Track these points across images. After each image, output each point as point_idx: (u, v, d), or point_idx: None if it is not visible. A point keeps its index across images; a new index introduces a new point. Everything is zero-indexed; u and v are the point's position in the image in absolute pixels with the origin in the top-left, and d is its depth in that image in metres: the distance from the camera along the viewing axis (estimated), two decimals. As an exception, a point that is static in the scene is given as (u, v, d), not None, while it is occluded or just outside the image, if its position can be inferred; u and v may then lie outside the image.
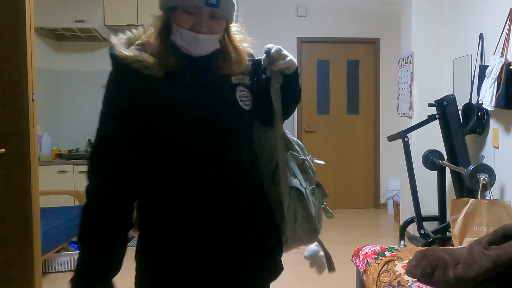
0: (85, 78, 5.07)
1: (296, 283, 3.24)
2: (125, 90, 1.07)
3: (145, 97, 1.06)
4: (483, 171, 2.82)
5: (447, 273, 1.81)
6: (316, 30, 5.23)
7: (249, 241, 1.14)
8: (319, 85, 5.37)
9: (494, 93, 2.81)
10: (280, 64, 1.17)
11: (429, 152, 3.53)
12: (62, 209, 3.70)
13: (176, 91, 1.08)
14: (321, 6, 5.25)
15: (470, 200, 2.79)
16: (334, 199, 5.40)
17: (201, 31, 1.06)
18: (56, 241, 3.24)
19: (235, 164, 1.11)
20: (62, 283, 3.27)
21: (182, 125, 1.07)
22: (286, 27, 5.23)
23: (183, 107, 1.07)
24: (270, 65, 1.19)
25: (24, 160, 2.30)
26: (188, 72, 1.10)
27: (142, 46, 1.10)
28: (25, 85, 2.28)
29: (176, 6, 1.08)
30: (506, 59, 2.78)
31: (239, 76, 1.16)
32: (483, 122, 3.15)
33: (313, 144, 5.36)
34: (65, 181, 4.40)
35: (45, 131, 4.68)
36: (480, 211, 2.74)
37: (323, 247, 1.49)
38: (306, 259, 1.44)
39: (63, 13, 4.46)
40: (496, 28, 2.98)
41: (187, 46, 1.07)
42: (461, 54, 3.54)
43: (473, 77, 3.28)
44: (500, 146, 3.01)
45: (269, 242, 1.22)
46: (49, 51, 4.90)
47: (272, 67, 1.19)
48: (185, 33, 1.06)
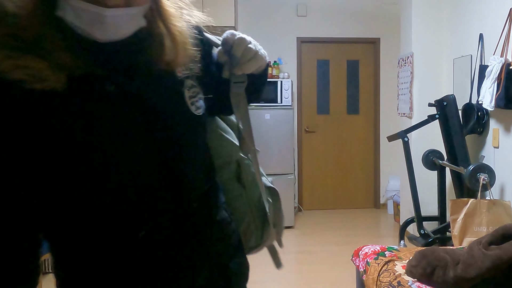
0: (85, 78, 5.07)
1: (296, 283, 3.24)
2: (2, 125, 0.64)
3: (39, 133, 0.66)
4: (483, 171, 2.82)
5: (447, 273, 1.81)
6: (316, 30, 5.24)
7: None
8: (319, 85, 5.37)
9: (494, 93, 2.81)
10: (246, 66, 0.86)
11: (429, 152, 3.53)
12: (62, 209, 3.69)
13: (91, 112, 0.68)
14: (321, 6, 5.25)
15: (470, 200, 2.79)
16: (334, 199, 5.40)
17: (107, 1, 0.65)
18: (56, 241, 3.23)
19: (192, 192, 0.80)
20: (62, 283, 3.27)
21: (110, 166, 0.70)
22: (286, 27, 5.23)
23: (109, 137, 0.70)
24: (231, 65, 0.86)
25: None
26: (104, 75, 0.69)
27: (11, 36, 0.63)
28: (25, 85, 2.28)
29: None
30: (506, 59, 2.78)
31: (185, 66, 0.80)
32: (483, 122, 3.15)
33: (313, 144, 5.37)
34: (65, 181, 4.40)
35: (45, 131, 4.68)
36: (480, 211, 2.74)
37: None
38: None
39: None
40: (496, 28, 2.98)
41: (87, 28, 0.66)
42: (461, 54, 3.54)
43: (473, 77, 3.28)
44: (500, 146, 3.01)
45: (236, 272, 0.94)
46: (49, 51, 4.89)
47: (234, 70, 0.86)
48: (80, 5, 0.64)
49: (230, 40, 0.85)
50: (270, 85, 4.66)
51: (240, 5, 5.13)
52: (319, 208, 5.38)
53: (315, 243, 4.12)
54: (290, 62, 5.17)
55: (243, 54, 0.85)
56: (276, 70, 4.76)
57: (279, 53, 5.14)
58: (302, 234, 4.45)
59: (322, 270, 3.44)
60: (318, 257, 3.75)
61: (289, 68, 5.15)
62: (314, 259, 3.69)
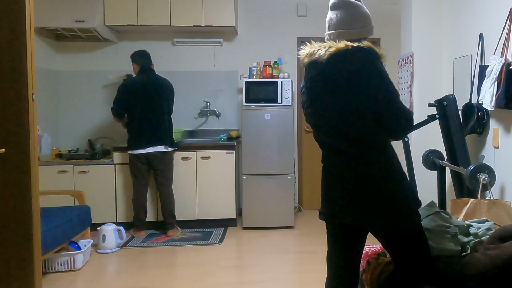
0: (85, 78, 5.08)
1: (296, 283, 3.24)
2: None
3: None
4: (483, 171, 2.81)
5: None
6: (316, 30, 5.22)
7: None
8: (319, 85, 5.36)
9: (494, 93, 2.81)
10: None
11: (429, 152, 3.52)
12: (62, 209, 3.70)
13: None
14: (321, 6, 5.25)
15: (470, 200, 2.79)
16: (334, 199, 5.40)
17: None
18: (56, 241, 3.24)
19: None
20: (62, 283, 3.28)
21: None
22: (286, 27, 5.23)
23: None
24: None
25: (24, 160, 2.30)
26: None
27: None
28: (25, 85, 2.28)
29: None
30: (506, 59, 2.78)
31: None
32: (483, 122, 3.14)
33: (313, 144, 5.34)
34: (65, 181, 4.41)
35: (45, 131, 4.69)
36: (480, 211, 2.74)
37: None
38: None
39: (63, 13, 4.47)
40: (496, 28, 2.98)
41: None
42: (461, 54, 3.54)
43: (473, 77, 3.28)
44: (500, 146, 3.01)
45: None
46: (49, 51, 4.90)
47: None
48: None
49: None
50: (270, 85, 4.67)
51: (240, 5, 5.13)
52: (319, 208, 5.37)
53: (315, 243, 4.12)
54: (290, 62, 5.17)
55: None
56: (276, 70, 4.77)
57: (279, 53, 5.15)
58: (302, 234, 4.46)
59: (322, 270, 3.43)
60: (318, 257, 3.75)
61: (289, 68, 5.15)
62: (314, 259, 3.69)
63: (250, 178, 4.61)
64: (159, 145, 4.26)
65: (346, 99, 1.68)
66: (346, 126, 1.71)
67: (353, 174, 1.72)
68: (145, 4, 4.62)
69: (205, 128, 5.21)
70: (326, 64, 1.71)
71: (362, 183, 1.70)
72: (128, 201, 4.45)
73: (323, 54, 1.72)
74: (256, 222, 4.61)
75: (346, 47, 1.69)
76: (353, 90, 1.67)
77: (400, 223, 1.72)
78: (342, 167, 1.76)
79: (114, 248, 3.96)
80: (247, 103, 4.65)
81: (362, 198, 1.71)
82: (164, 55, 5.13)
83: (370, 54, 1.68)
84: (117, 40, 5.05)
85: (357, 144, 1.71)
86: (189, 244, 4.15)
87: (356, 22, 1.79)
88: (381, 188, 1.69)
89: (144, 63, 4.34)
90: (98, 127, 5.05)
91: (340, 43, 1.71)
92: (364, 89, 1.66)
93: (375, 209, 1.69)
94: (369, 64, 1.66)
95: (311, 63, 1.79)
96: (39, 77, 4.12)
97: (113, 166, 4.48)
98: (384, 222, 1.71)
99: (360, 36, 1.79)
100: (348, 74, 1.67)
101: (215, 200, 4.60)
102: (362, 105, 1.67)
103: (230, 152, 4.59)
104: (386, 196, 1.69)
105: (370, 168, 1.70)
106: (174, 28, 4.86)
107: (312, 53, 1.77)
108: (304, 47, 1.84)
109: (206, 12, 4.69)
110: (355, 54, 1.68)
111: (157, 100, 4.25)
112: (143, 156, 4.24)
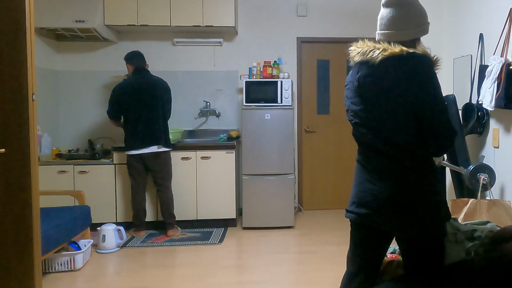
0: (85, 78, 5.08)
1: (296, 283, 3.24)
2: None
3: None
4: (483, 171, 2.82)
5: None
6: (316, 30, 5.24)
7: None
8: (319, 85, 5.37)
9: (494, 93, 2.81)
10: None
11: (429, 152, 3.52)
12: (62, 209, 3.69)
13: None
14: (321, 6, 5.25)
15: (470, 200, 2.79)
16: (334, 199, 5.40)
17: None
18: (56, 241, 3.24)
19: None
20: (62, 283, 3.28)
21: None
22: (286, 27, 5.23)
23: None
24: None
25: (24, 160, 2.30)
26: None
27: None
28: (25, 85, 2.28)
29: None
30: (506, 59, 2.78)
31: None
32: (483, 122, 3.15)
33: (313, 144, 5.37)
34: (65, 181, 4.41)
35: (45, 131, 4.69)
36: (480, 211, 2.74)
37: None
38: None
39: (63, 13, 4.46)
40: (496, 28, 2.98)
41: None
42: (461, 54, 3.54)
43: (473, 77, 3.28)
44: (500, 146, 3.01)
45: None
46: (49, 51, 4.90)
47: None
48: None
49: None
50: (270, 85, 4.66)
51: (240, 5, 5.13)
52: (319, 208, 5.38)
53: (315, 243, 4.12)
54: (290, 62, 5.17)
55: None
56: (276, 70, 4.77)
57: (279, 53, 5.14)
58: (302, 234, 4.45)
59: (322, 270, 3.44)
60: (318, 257, 3.75)
61: (289, 68, 5.15)
62: (314, 259, 3.69)
63: (250, 178, 4.61)
64: (152, 145, 4.24)
65: (393, 106, 1.67)
66: (389, 131, 1.69)
67: (394, 176, 1.70)
68: (145, 4, 4.62)
69: (205, 128, 5.21)
70: (378, 66, 1.69)
71: (403, 189, 1.69)
72: (128, 201, 4.45)
73: (375, 56, 1.69)
74: (256, 222, 4.61)
75: (401, 52, 1.66)
76: (401, 95, 1.65)
77: (431, 233, 1.71)
78: (382, 167, 1.74)
79: (114, 248, 3.96)
80: (247, 103, 4.65)
81: (397, 203, 1.69)
82: (164, 55, 5.13)
83: (425, 62, 1.65)
84: (117, 40, 5.04)
85: (396, 148, 1.69)
86: (189, 244, 4.15)
87: (409, 23, 1.75)
88: (422, 198, 1.68)
89: (138, 63, 4.33)
90: (98, 127, 5.05)
91: (395, 47, 1.68)
92: (411, 96, 1.63)
93: (409, 217, 1.68)
94: (421, 71, 1.64)
95: (362, 63, 1.76)
96: (39, 77, 4.12)
97: (113, 166, 4.48)
98: (415, 231, 1.69)
99: (413, 37, 1.76)
100: (398, 79, 1.65)
101: (215, 200, 4.60)
102: (407, 113, 1.64)
103: (230, 152, 4.59)
104: (425, 207, 1.68)
105: (414, 176, 1.68)
106: (174, 28, 4.85)
107: (364, 53, 1.74)
108: (355, 45, 1.80)
109: (206, 12, 4.69)
110: (409, 61, 1.65)
111: (150, 100, 4.24)
112: (138, 157, 4.24)
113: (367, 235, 1.84)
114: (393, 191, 1.69)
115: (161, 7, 4.63)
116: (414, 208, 1.68)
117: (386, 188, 1.71)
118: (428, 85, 1.64)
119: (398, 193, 1.69)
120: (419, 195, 1.68)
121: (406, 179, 1.68)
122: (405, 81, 1.64)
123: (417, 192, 1.68)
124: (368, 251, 1.86)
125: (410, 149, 1.68)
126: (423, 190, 1.68)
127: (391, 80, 1.66)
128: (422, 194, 1.68)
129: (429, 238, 1.72)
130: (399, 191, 1.69)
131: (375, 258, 1.87)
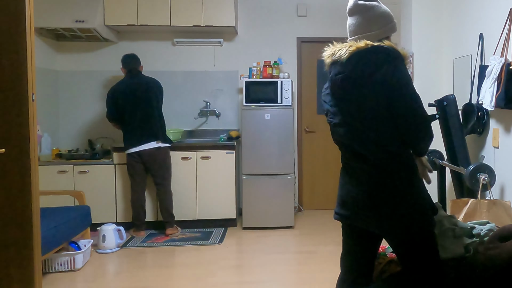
0: (85, 78, 5.08)
1: (296, 283, 3.24)
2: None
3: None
4: (483, 171, 2.81)
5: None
6: (316, 30, 5.23)
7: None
8: (319, 85, 5.36)
9: (494, 93, 2.81)
10: None
11: (429, 152, 3.52)
12: (62, 209, 3.69)
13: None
14: (321, 6, 5.25)
15: (470, 200, 2.79)
16: (334, 199, 5.38)
17: None
18: (56, 241, 3.24)
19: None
20: (62, 283, 3.28)
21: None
22: (286, 27, 5.23)
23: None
24: None
25: (24, 160, 2.30)
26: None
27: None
28: (25, 85, 2.28)
29: None
30: (506, 59, 2.78)
31: None
32: (483, 122, 3.14)
33: (313, 144, 5.37)
34: (65, 181, 4.41)
35: (45, 131, 4.68)
36: (480, 211, 2.74)
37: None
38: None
39: (63, 13, 4.46)
40: (496, 28, 2.98)
41: None
42: (461, 54, 3.54)
43: (473, 77, 3.28)
44: (500, 146, 3.01)
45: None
46: (49, 51, 4.90)
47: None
48: None
49: None
50: (270, 85, 4.66)
51: (240, 5, 5.13)
52: (319, 208, 5.38)
53: (315, 243, 4.12)
54: (290, 62, 5.17)
55: None
56: (276, 70, 4.77)
57: (279, 53, 5.14)
58: (302, 234, 4.45)
59: (322, 270, 3.44)
60: (318, 257, 3.75)
61: (289, 68, 5.15)
62: (314, 259, 3.69)
63: (250, 178, 4.61)
64: (151, 141, 4.26)
65: (363, 99, 1.68)
66: (362, 127, 1.70)
67: (368, 176, 1.72)
68: (145, 4, 4.62)
69: (205, 128, 5.21)
70: (346, 63, 1.71)
71: (377, 187, 1.70)
72: (128, 201, 4.45)
73: (343, 53, 1.72)
74: (256, 222, 4.61)
75: (366, 46, 1.68)
76: (370, 90, 1.66)
77: (414, 227, 1.70)
78: (357, 168, 1.76)
79: (114, 248, 3.96)
80: (247, 103, 4.65)
81: (375, 203, 1.70)
82: (164, 55, 5.13)
83: (391, 54, 1.66)
84: (117, 40, 5.04)
85: (370, 145, 1.70)
86: (189, 244, 4.15)
87: (375, 24, 1.78)
88: (397, 194, 1.68)
89: (130, 66, 4.37)
90: (98, 127, 5.04)
91: (360, 42, 1.70)
92: (381, 89, 1.64)
93: (387, 215, 1.69)
94: (388, 64, 1.64)
95: (333, 63, 1.80)
96: (39, 77, 4.11)
97: (113, 166, 4.48)
98: (395, 227, 1.70)
99: (381, 37, 1.78)
100: (366, 74, 1.66)
101: (215, 200, 4.60)
102: (378, 106, 1.66)
103: (230, 152, 4.59)
104: (402, 203, 1.68)
105: (387, 173, 1.69)
106: (174, 28, 4.85)
107: (333, 54, 1.77)
108: (327, 48, 1.84)
109: (206, 12, 4.69)
110: (375, 54, 1.67)
111: (145, 98, 4.27)
112: (136, 155, 4.24)
113: (353, 236, 1.88)
114: (368, 190, 1.71)
115: (161, 7, 4.63)
116: (391, 205, 1.68)
117: (362, 189, 1.73)
118: (395, 76, 1.64)
119: (373, 191, 1.70)
120: (394, 191, 1.68)
121: (380, 177, 1.69)
122: (373, 74, 1.65)
123: (391, 188, 1.68)
124: (355, 252, 1.89)
125: (383, 145, 1.68)
126: (397, 185, 1.68)
127: (358, 73, 1.68)
128: (397, 190, 1.68)
129: (413, 232, 1.71)
130: (374, 189, 1.70)
131: (362, 259, 1.88)
